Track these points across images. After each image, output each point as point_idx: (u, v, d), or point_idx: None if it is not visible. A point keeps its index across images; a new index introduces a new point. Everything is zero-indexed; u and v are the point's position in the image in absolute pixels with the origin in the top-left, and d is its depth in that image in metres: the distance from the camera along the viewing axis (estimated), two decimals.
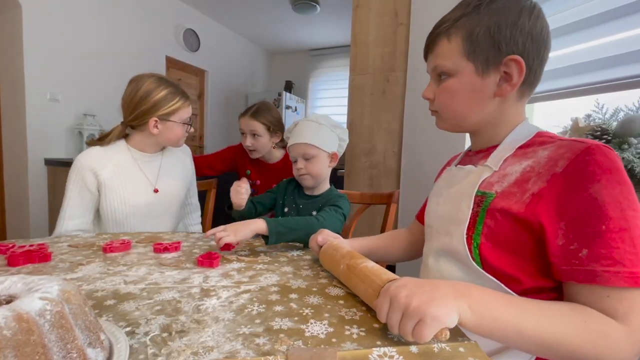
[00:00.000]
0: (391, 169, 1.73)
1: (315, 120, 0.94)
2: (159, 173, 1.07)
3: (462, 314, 0.38)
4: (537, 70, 0.53)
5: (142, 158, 1.05)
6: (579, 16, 1.05)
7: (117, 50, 2.69)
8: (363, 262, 0.52)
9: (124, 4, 2.73)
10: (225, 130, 4.03)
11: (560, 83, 1.14)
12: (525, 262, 0.48)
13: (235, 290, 0.53)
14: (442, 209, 0.61)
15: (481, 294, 0.41)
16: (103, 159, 0.99)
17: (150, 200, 1.04)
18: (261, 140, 1.36)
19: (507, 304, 0.41)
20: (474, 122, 0.57)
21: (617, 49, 0.97)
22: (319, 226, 0.79)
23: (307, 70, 4.62)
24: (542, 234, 0.45)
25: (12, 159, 2.30)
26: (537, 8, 0.52)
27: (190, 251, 0.75)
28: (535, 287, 0.48)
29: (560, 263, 0.44)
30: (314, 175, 0.94)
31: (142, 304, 0.48)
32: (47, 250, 0.68)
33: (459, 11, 0.54)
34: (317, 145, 0.92)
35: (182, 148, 1.20)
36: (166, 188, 1.07)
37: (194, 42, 3.42)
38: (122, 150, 1.03)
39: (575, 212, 0.43)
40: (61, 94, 2.33)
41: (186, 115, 1.05)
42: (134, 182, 1.01)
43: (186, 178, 1.16)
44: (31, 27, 2.14)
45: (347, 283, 0.54)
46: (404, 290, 0.40)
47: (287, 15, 3.51)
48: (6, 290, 0.30)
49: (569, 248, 0.43)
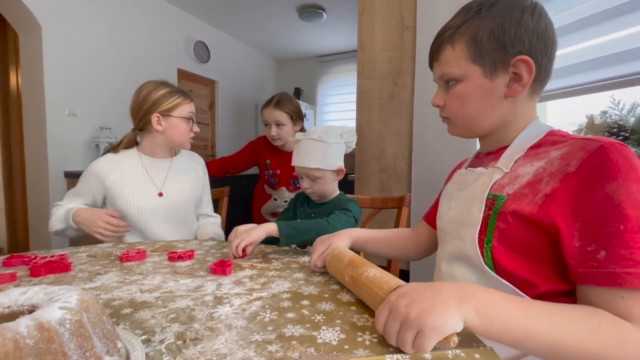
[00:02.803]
0: (402, 173, 1.72)
1: (318, 139, 0.92)
2: (167, 178, 1.10)
3: (468, 318, 0.37)
4: (547, 66, 0.52)
5: (150, 163, 1.10)
6: (592, 10, 1.03)
7: (131, 64, 2.78)
8: (365, 271, 0.51)
9: (137, 21, 2.83)
10: (237, 139, 4.09)
11: (573, 80, 1.12)
12: (540, 265, 0.47)
13: (247, 297, 0.54)
14: (454, 212, 0.60)
15: (488, 296, 0.40)
16: (112, 164, 1.06)
17: (155, 204, 1.07)
18: (285, 129, 1.45)
19: (517, 307, 0.39)
20: (486, 126, 0.56)
21: (632, 43, 0.94)
22: (330, 228, 0.79)
23: (315, 76, 4.65)
24: (557, 236, 0.44)
25: (34, 173, 2.39)
26: (539, 6, 0.51)
27: (204, 259, 0.77)
28: (551, 291, 0.47)
29: (577, 265, 0.42)
30: (320, 193, 0.95)
31: (157, 312, 0.49)
32: (67, 261, 0.70)
33: (460, 18, 0.54)
34: (322, 167, 0.91)
35: (193, 157, 1.22)
36: (171, 192, 1.10)
37: (204, 53, 3.50)
38: (132, 156, 1.09)
39: (591, 213, 0.42)
40: (79, 109, 2.42)
41: (187, 111, 1.08)
42: (139, 185, 1.06)
43: (196, 187, 1.18)
44: (50, 47, 2.24)
45: (355, 293, 0.53)
46: (404, 299, 0.38)
47: (294, 24, 3.56)
48: (28, 300, 0.31)
49: (587, 249, 0.41)
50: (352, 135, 0.98)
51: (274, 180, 1.52)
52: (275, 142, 1.50)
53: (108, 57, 2.60)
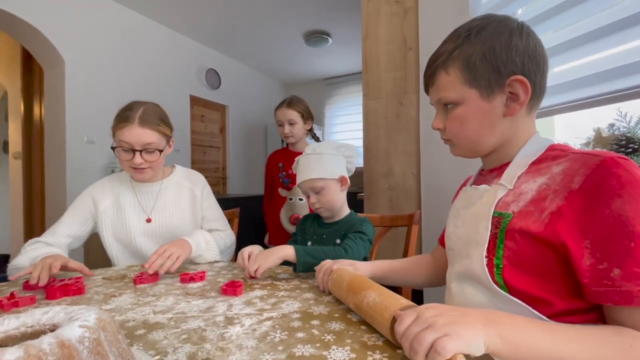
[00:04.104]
0: (411, 191, 1.71)
1: (312, 152, 0.94)
2: (155, 202, 1.06)
3: (491, 343, 0.37)
4: (542, 82, 0.53)
5: (139, 187, 1.06)
6: (597, 24, 1.05)
7: (146, 92, 2.91)
8: (365, 297, 0.51)
9: (153, 52, 2.99)
10: (247, 160, 4.17)
11: (579, 94, 1.12)
12: (554, 283, 0.46)
13: (258, 317, 0.54)
14: (461, 231, 0.59)
15: (513, 320, 0.40)
16: (107, 189, 1.06)
17: (144, 230, 1.03)
18: (297, 127, 1.55)
19: (543, 331, 0.39)
20: (489, 145, 0.57)
21: (637, 56, 0.95)
22: (347, 257, 0.79)
23: (322, 98, 4.77)
24: (566, 254, 0.44)
25: (53, 198, 2.48)
26: (526, 27, 0.53)
27: (215, 280, 0.77)
28: (568, 309, 0.45)
29: (591, 284, 0.42)
30: (328, 207, 0.95)
31: (170, 332, 0.49)
32: (82, 284, 0.72)
33: (450, 44, 0.55)
34: (322, 176, 0.92)
35: (190, 176, 1.15)
36: (160, 217, 1.05)
37: (215, 80, 3.65)
38: (125, 180, 1.08)
39: (599, 230, 0.41)
40: (96, 136, 2.53)
41: (118, 138, 0.93)
42: (128, 211, 1.03)
43: (190, 207, 1.10)
44: (72, 79, 2.39)
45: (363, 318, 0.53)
46: (433, 310, 0.40)
47: (300, 49, 3.70)
48: (50, 319, 0.33)
49: (598, 267, 0.41)
50: (350, 149, 0.99)
51: (287, 181, 1.57)
52: (288, 139, 1.59)
53: (125, 86, 2.75)
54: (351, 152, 0.99)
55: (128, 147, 0.93)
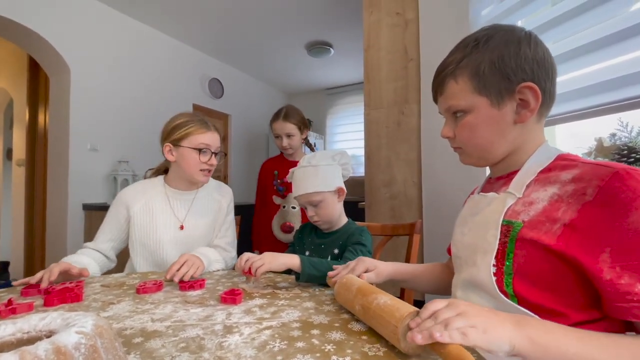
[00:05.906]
0: (412, 199, 1.71)
1: (308, 164, 0.93)
2: (189, 211, 1.09)
3: (519, 344, 0.37)
4: (552, 90, 0.54)
5: (173, 195, 1.09)
6: (598, 35, 1.05)
7: (150, 102, 2.95)
8: (375, 299, 0.50)
9: (157, 61, 3.03)
10: (249, 168, 4.18)
11: (581, 103, 1.12)
12: (568, 294, 0.45)
13: (257, 326, 0.53)
14: (468, 239, 0.59)
15: (543, 324, 0.40)
16: (139, 193, 1.08)
17: (176, 237, 1.05)
18: (294, 138, 1.55)
19: (576, 337, 0.39)
20: (500, 153, 0.57)
21: (636, 67, 0.96)
22: None
23: (324, 108, 4.80)
24: (581, 267, 0.43)
25: (54, 205, 2.48)
26: (534, 36, 0.53)
27: (214, 288, 0.77)
28: (584, 321, 0.45)
29: (614, 299, 0.41)
30: (327, 219, 0.94)
31: (168, 341, 0.49)
32: (82, 289, 0.71)
33: (459, 53, 0.55)
34: (319, 190, 0.91)
35: (221, 190, 1.19)
36: (193, 226, 1.08)
37: (218, 89, 3.69)
38: (158, 185, 1.10)
39: (617, 244, 0.41)
40: (99, 144, 2.55)
41: (199, 141, 1.02)
42: (161, 217, 1.06)
43: (215, 221, 1.14)
44: (77, 87, 2.42)
45: (367, 323, 0.52)
46: (464, 304, 0.40)
47: (303, 60, 3.75)
48: (47, 325, 0.32)
49: (620, 282, 0.40)
50: (344, 156, 0.99)
51: (282, 189, 1.55)
52: (287, 151, 1.58)
53: (129, 94, 2.78)
54: (346, 159, 0.99)
55: (207, 149, 1.04)
